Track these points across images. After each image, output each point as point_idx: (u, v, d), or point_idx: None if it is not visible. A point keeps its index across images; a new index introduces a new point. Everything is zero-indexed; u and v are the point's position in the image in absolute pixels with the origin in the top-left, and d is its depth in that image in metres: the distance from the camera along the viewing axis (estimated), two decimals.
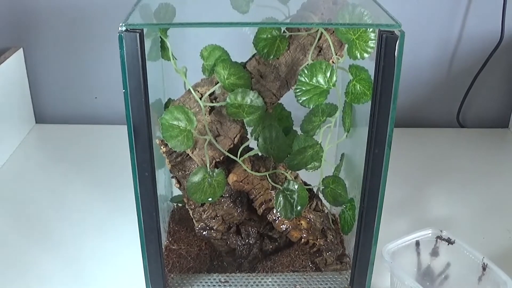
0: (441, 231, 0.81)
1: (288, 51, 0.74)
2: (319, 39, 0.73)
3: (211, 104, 0.74)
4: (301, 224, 0.81)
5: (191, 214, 0.82)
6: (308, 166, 0.79)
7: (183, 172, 0.78)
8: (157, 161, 0.71)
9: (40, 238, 0.93)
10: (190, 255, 0.86)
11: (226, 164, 0.78)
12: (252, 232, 0.82)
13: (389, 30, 0.62)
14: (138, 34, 0.60)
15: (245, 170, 0.77)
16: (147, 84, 0.63)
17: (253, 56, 0.76)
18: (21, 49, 1.28)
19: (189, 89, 0.74)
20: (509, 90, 1.37)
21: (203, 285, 0.81)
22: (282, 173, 0.79)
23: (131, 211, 0.72)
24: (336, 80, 0.71)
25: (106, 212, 1.00)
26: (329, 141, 0.78)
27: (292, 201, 0.77)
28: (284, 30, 0.74)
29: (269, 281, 0.82)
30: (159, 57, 0.78)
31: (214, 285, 0.81)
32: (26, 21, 1.26)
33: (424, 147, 1.27)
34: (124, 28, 0.60)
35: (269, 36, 0.73)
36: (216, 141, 0.74)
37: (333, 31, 0.72)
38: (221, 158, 0.76)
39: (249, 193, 0.80)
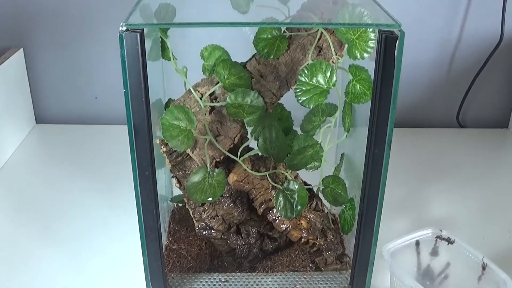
0: (441, 230, 0.81)
1: (288, 51, 0.74)
2: (319, 39, 0.73)
3: (211, 104, 0.74)
4: (301, 223, 0.81)
5: (191, 214, 0.82)
6: (308, 166, 0.79)
7: (183, 171, 0.78)
8: (158, 161, 0.71)
9: (41, 237, 0.93)
10: (190, 254, 0.86)
11: (226, 164, 0.78)
12: (252, 231, 0.83)
13: (389, 30, 0.62)
14: (138, 34, 0.60)
15: (245, 170, 0.77)
16: (148, 84, 0.63)
17: (253, 56, 0.76)
18: (21, 49, 1.28)
19: (190, 89, 0.74)
20: (509, 90, 1.37)
21: (203, 285, 0.81)
22: (282, 173, 0.80)
23: (131, 211, 0.72)
24: (336, 80, 0.71)
25: (107, 212, 1.00)
26: (329, 141, 0.78)
27: (292, 201, 0.77)
28: (284, 30, 0.74)
29: (269, 281, 0.82)
30: (159, 57, 0.78)
31: (214, 285, 0.81)
32: (26, 21, 1.26)
33: (424, 147, 1.27)
34: (124, 28, 0.60)
35: (269, 36, 0.73)
36: (216, 141, 0.74)
37: (333, 31, 0.72)
38: (221, 158, 0.76)
39: (249, 192, 0.80)
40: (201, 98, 0.73)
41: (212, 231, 0.81)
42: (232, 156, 0.75)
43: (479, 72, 1.31)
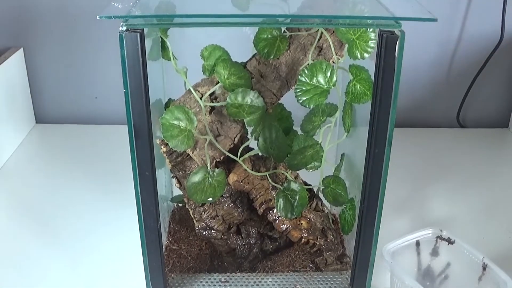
0: (441, 231, 0.81)
1: (288, 51, 0.74)
2: (319, 39, 0.73)
3: (212, 104, 0.74)
4: (301, 224, 0.81)
5: (191, 214, 0.82)
6: (308, 166, 0.79)
7: (183, 172, 0.78)
8: (158, 161, 0.71)
9: (40, 238, 0.93)
10: (190, 255, 0.86)
11: (226, 164, 0.78)
12: (252, 232, 0.82)
13: (389, 30, 0.62)
14: (138, 34, 0.60)
15: (245, 170, 0.77)
16: (148, 84, 0.63)
17: (254, 56, 0.76)
18: (21, 49, 1.28)
19: (190, 89, 0.74)
20: (509, 90, 1.37)
21: (204, 285, 0.81)
22: (282, 173, 0.79)
23: (131, 211, 0.72)
24: (336, 80, 0.71)
25: (107, 212, 1.00)
26: (329, 141, 0.78)
27: (292, 201, 0.77)
28: (284, 30, 0.74)
29: (269, 281, 0.82)
30: (159, 57, 0.78)
31: (215, 285, 0.81)
32: (26, 21, 1.26)
33: (424, 147, 1.27)
34: (124, 28, 0.60)
35: (269, 36, 0.73)
36: (216, 141, 0.74)
37: (333, 31, 0.72)
38: (222, 158, 0.76)
39: (249, 193, 0.80)
40: (201, 98, 0.73)
41: (212, 231, 0.81)
42: (232, 156, 0.75)
43: (479, 72, 1.31)
